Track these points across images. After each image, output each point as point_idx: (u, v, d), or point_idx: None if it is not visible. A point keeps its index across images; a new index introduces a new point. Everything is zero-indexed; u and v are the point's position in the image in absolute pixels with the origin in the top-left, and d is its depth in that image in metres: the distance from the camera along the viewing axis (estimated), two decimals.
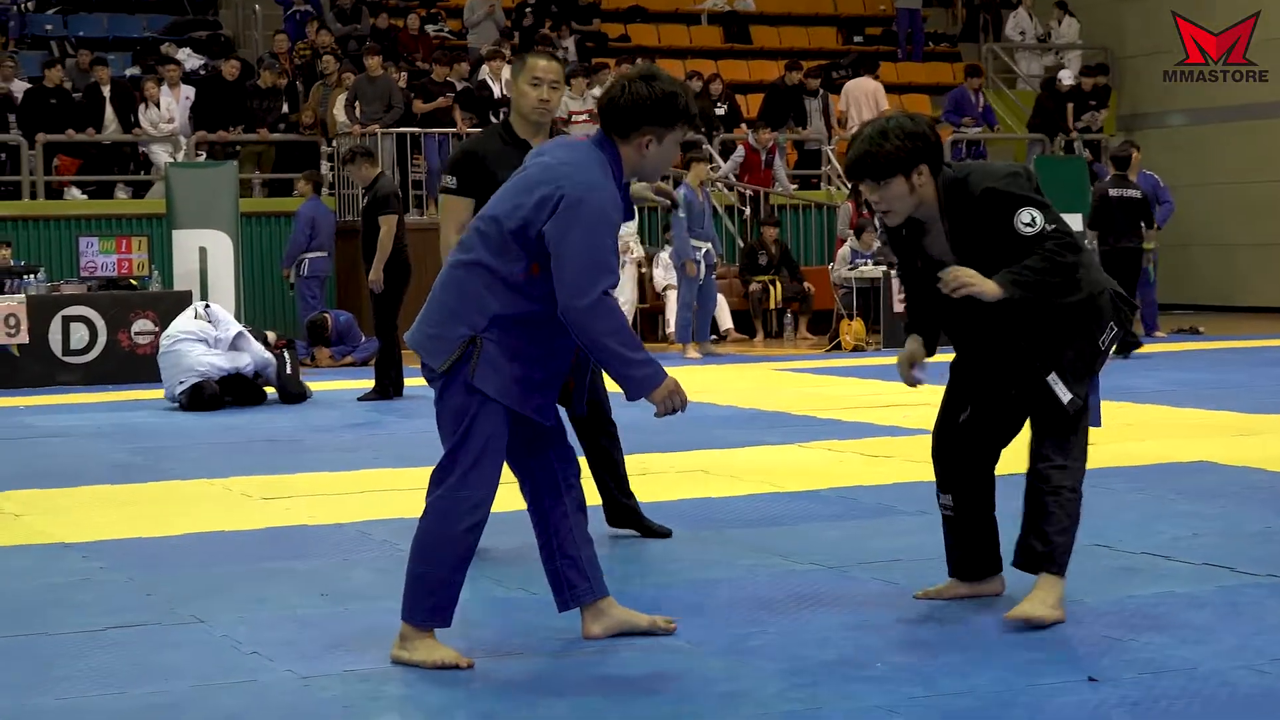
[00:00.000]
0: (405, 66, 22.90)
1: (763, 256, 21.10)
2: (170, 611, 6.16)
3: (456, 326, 5.21)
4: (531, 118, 7.20)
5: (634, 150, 5.30)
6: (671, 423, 11.53)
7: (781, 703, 4.82)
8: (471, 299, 5.21)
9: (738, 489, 8.88)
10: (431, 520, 5.30)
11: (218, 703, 4.97)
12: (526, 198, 5.20)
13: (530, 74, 7.17)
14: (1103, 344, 5.77)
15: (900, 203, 5.69)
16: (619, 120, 5.27)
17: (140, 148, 21.84)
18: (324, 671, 5.25)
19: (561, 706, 4.89)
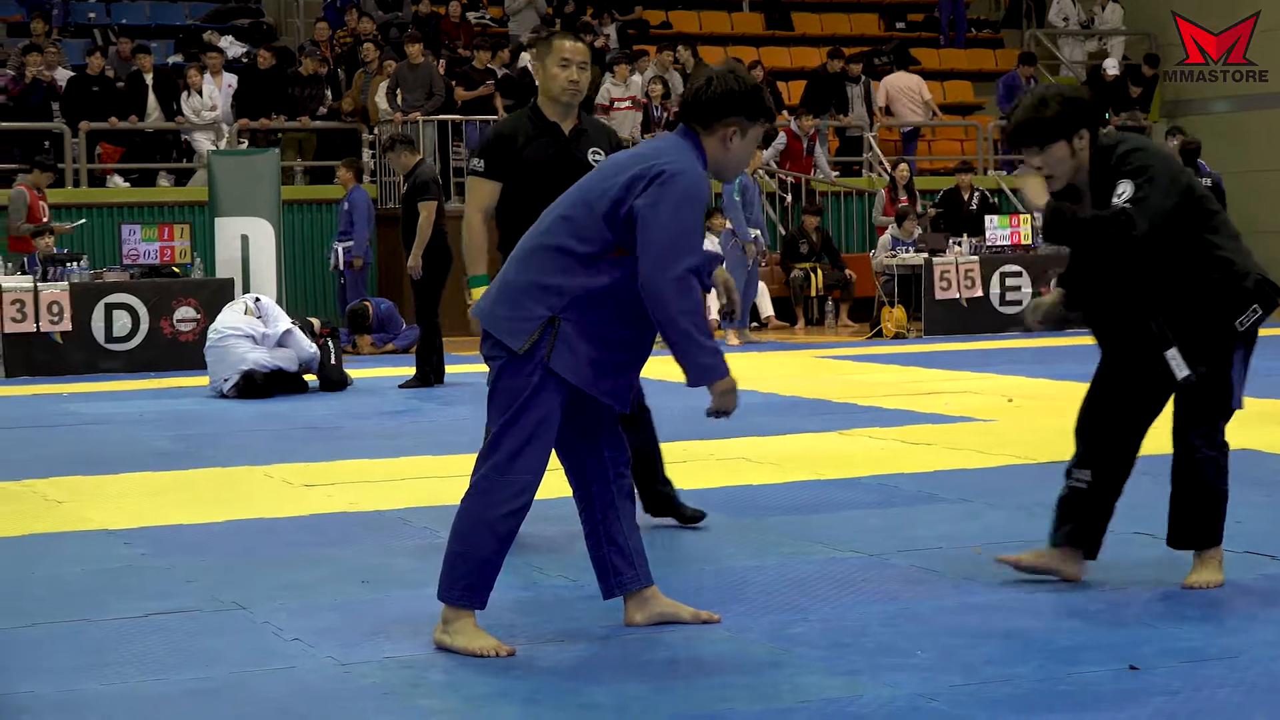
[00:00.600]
0: (446, 54, 22.91)
1: (804, 244, 21.06)
2: (212, 598, 6.18)
3: (535, 307, 5.22)
4: (562, 99, 7.20)
5: (718, 142, 5.34)
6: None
7: (821, 690, 4.81)
8: (550, 280, 5.22)
9: (779, 476, 8.88)
10: (473, 500, 5.31)
11: (259, 689, 4.99)
12: (616, 179, 5.24)
13: (558, 56, 7.15)
14: (1241, 325, 5.89)
15: (1062, 166, 5.89)
16: (706, 111, 5.33)
17: (182, 135, 21.91)
18: (365, 658, 5.26)
19: (602, 693, 4.89)
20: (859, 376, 14.50)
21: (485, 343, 5.35)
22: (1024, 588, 6.04)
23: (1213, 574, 6.00)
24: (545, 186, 6.74)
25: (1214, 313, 5.86)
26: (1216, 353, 5.90)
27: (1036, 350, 16.83)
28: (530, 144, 7.17)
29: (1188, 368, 5.85)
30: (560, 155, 7.16)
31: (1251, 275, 5.89)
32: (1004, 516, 7.55)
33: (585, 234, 5.23)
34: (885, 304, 19.63)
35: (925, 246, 19.57)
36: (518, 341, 5.21)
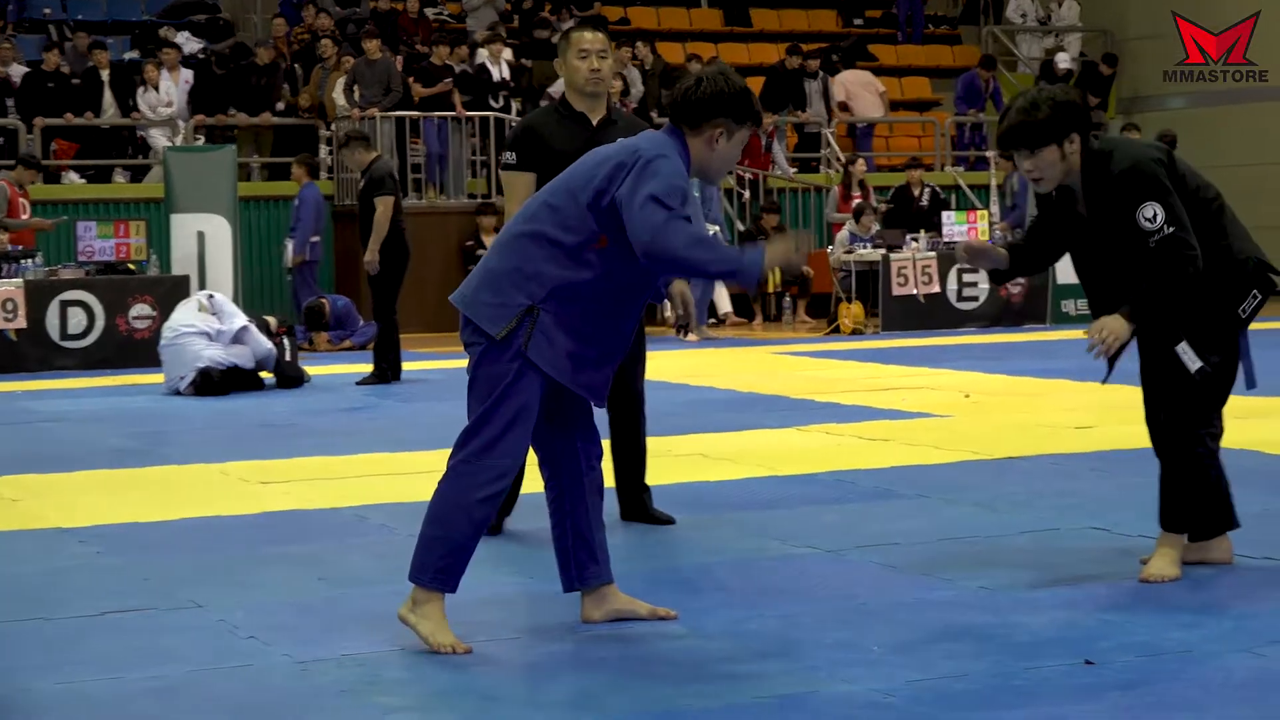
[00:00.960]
0: (404, 50, 22.86)
1: (761, 240, 21.06)
2: (168, 596, 6.16)
3: (515, 295, 5.24)
4: (586, 90, 7.30)
5: (704, 143, 5.35)
6: (671, 406, 11.58)
7: (778, 686, 4.82)
8: (532, 269, 5.24)
9: (736, 472, 8.88)
10: (451, 484, 5.31)
11: (215, 687, 4.97)
12: (601, 169, 5.28)
13: (577, 48, 7.30)
14: (1243, 312, 5.96)
15: (1052, 169, 5.94)
16: (694, 110, 5.34)
17: (138, 132, 21.81)
18: (321, 656, 5.25)
19: (559, 690, 4.89)
20: (816, 373, 14.52)
21: (465, 329, 5.36)
22: (981, 583, 6.05)
23: (1166, 567, 6.00)
24: None
25: (1218, 302, 5.92)
26: (1224, 342, 5.95)
27: (994, 346, 16.90)
28: (557, 134, 7.24)
29: (1199, 360, 5.89)
30: (588, 145, 6.97)
31: (1250, 260, 5.95)
32: (961, 512, 7.57)
33: (569, 224, 5.25)
34: (842, 300, 19.66)
35: (883, 243, 19.60)
36: (495, 327, 5.23)
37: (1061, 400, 11.82)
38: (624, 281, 5.28)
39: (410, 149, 21.16)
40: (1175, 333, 5.90)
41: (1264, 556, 6.39)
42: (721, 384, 13.50)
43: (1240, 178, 24.38)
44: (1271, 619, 5.46)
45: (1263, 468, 8.60)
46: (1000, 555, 6.57)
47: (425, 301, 18.86)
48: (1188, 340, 5.90)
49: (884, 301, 19.24)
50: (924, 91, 27.35)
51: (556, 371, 5.23)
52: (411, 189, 21.01)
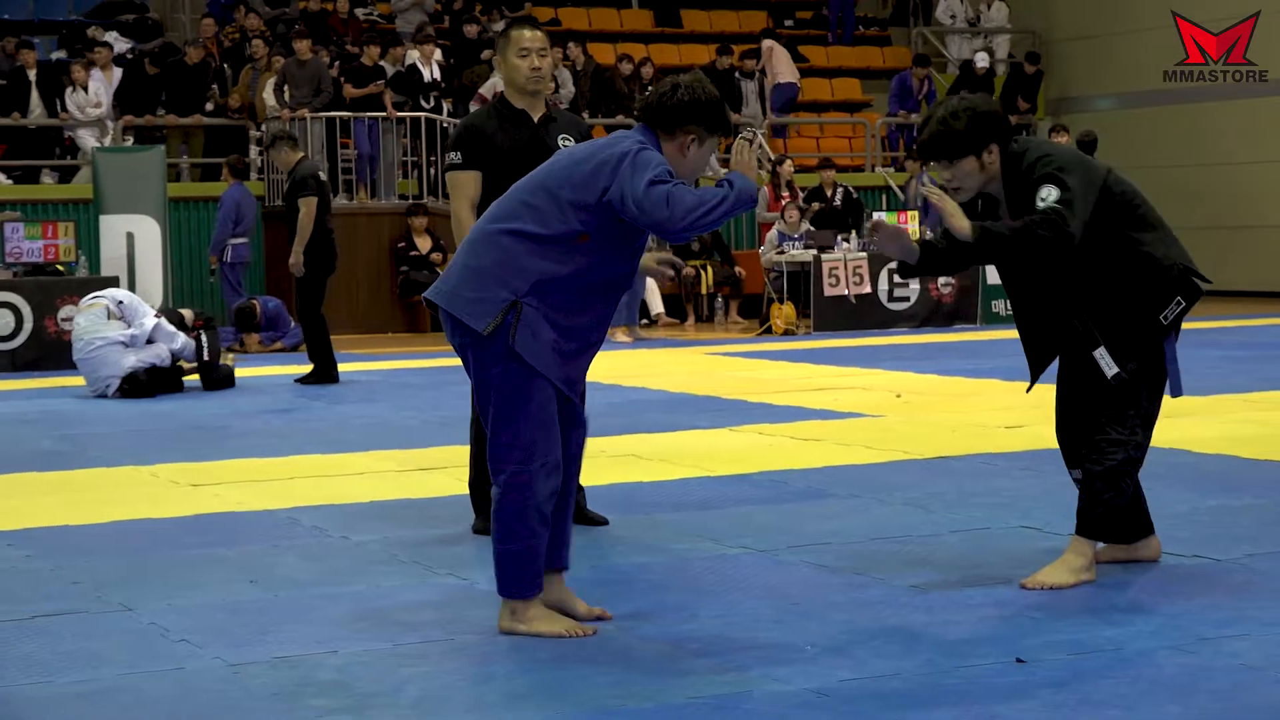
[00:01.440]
0: (334, 50, 22.78)
1: (694, 241, 21.11)
2: (97, 599, 6.12)
3: (499, 289, 5.31)
4: (527, 88, 7.37)
5: (676, 149, 5.43)
6: (604, 407, 11.55)
7: (711, 686, 4.82)
8: (513, 264, 5.32)
9: (669, 473, 8.89)
10: (515, 496, 5.37)
11: (145, 691, 4.93)
12: (582, 167, 5.35)
13: (517, 46, 7.34)
14: (1165, 318, 5.95)
15: (970, 179, 5.98)
16: (670, 115, 5.43)
17: (66, 132, 21.66)
18: (254, 659, 5.22)
19: (492, 692, 4.88)
20: (749, 373, 14.55)
21: (453, 331, 5.42)
22: (912, 582, 6.08)
23: (1056, 575, 5.94)
24: (518, 173, 6.86)
25: (1138, 308, 5.93)
26: (1144, 348, 5.96)
27: (925, 346, 16.98)
28: (500, 132, 7.32)
29: (1116, 365, 5.92)
30: (530, 141, 7.30)
31: (1175, 266, 5.96)
32: (893, 511, 7.60)
33: (549, 221, 5.33)
34: (774, 301, 19.70)
35: (814, 243, 19.66)
36: (481, 323, 5.29)
37: (992, 400, 11.88)
38: (602, 276, 5.38)
39: (341, 150, 21.09)
40: (1094, 338, 5.93)
41: (1193, 555, 6.44)
42: (654, 384, 13.51)
43: (1171, 178, 24.65)
44: (1200, 616, 5.50)
45: (1190, 465, 8.66)
46: (932, 554, 6.60)
47: (356, 302, 18.82)
48: (1106, 346, 5.93)
49: (815, 302, 19.29)
50: (854, 93, 27.45)
51: (541, 365, 5.31)
52: (342, 190, 20.93)
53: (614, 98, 23.49)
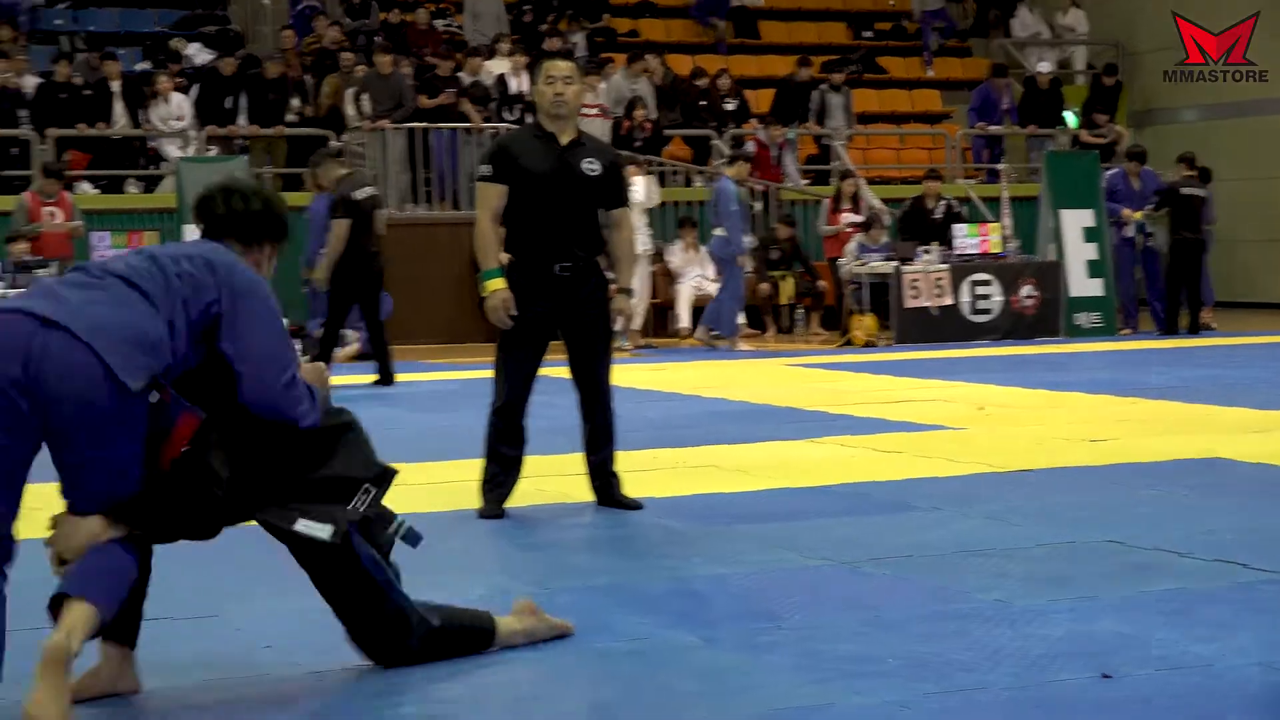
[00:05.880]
0: (414, 61, 22.88)
1: (775, 252, 21.07)
2: (184, 605, 6.15)
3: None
4: (551, 111, 8.01)
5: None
6: (683, 418, 11.55)
7: (793, 698, 4.81)
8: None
9: (749, 484, 8.87)
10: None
11: (230, 696, 4.97)
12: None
13: (545, 74, 8.05)
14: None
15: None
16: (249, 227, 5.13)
17: (150, 142, 21.84)
18: (338, 665, 5.24)
19: (574, 700, 4.88)
20: (829, 384, 14.51)
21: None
22: (996, 595, 6.04)
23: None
24: (543, 192, 7.93)
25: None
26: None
27: (1007, 358, 16.89)
28: (529, 153, 8.00)
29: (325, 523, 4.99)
30: (556, 164, 7.97)
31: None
32: (975, 525, 7.55)
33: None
34: (854, 312, 19.65)
35: (895, 255, 19.59)
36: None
37: (1075, 413, 11.80)
38: None
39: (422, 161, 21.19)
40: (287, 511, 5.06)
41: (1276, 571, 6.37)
42: (734, 395, 13.49)
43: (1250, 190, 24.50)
44: None
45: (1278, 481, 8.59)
46: (1015, 568, 6.55)
47: (438, 311, 18.87)
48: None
49: (897, 314, 19.23)
50: (934, 104, 27.35)
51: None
52: (423, 200, 21.03)
53: (691, 110, 23.49)
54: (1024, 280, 19.71)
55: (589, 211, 8.05)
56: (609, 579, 6.57)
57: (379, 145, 21.02)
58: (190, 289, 4.76)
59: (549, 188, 7.94)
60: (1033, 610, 5.82)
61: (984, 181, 23.75)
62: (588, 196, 8.02)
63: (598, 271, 8.09)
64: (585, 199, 8.01)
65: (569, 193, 7.96)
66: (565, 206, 7.96)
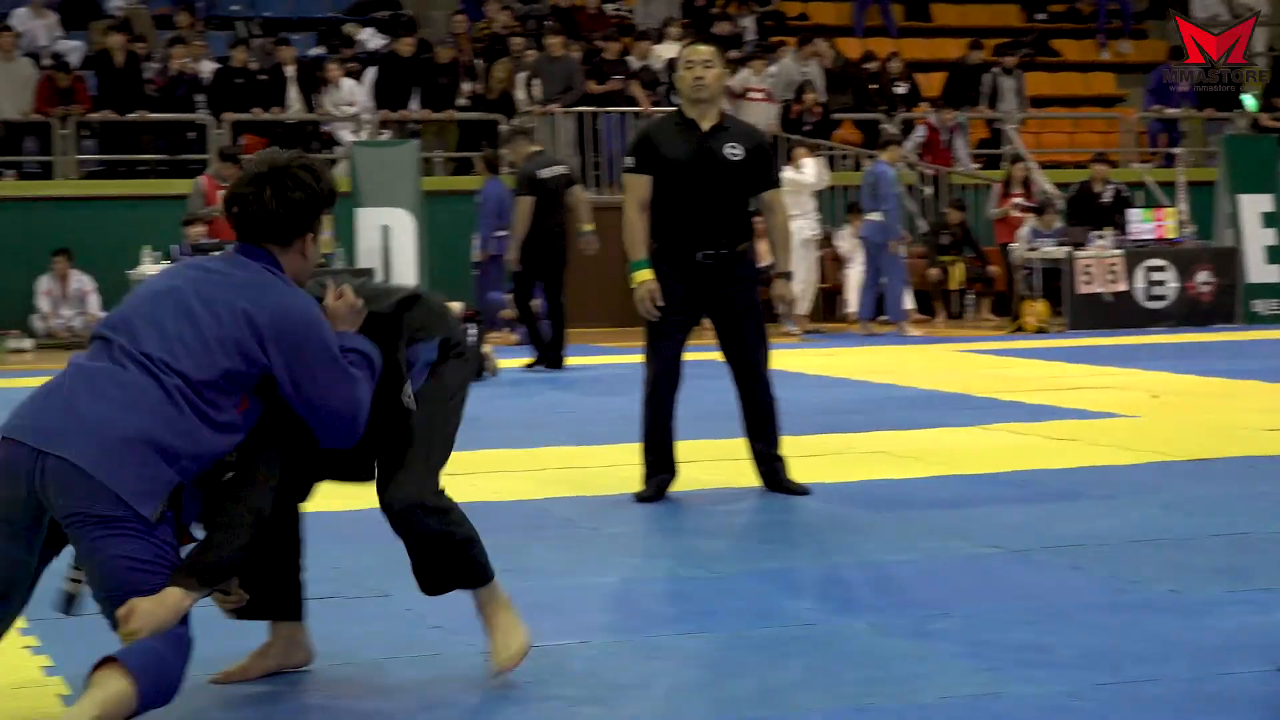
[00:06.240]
0: (584, 46, 22.95)
1: (945, 237, 20.90)
2: (356, 584, 6.23)
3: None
4: (691, 96, 7.96)
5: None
6: (852, 403, 11.52)
7: (963, 686, 4.77)
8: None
9: (919, 471, 8.81)
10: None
11: (401, 676, 5.02)
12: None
13: (684, 60, 8.02)
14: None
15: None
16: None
17: (323, 127, 22.11)
18: None
19: (743, 686, 4.87)
20: (1000, 371, 14.37)
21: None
22: (1170, 586, 5.96)
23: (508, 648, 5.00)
24: (683, 179, 7.87)
25: None
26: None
27: (1182, 346, 16.64)
28: (669, 141, 7.93)
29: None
30: (697, 150, 7.90)
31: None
32: (1149, 514, 7.45)
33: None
34: (1026, 298, 19.44)
35: (1067, 240, 19.36)
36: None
37: (1253, 401, 11.60)
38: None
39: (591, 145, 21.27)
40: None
41: None
42: (904, 381, 13.40)
43: None
44: None
45: None
46: (1190, 558, 6.46)
47: (608, 295, 18.91)
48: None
49: (1069, 299, 19.01)
50: (1109, 87, 26.97)
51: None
52: (592, 184, 21.11)
53: (861, 93, 23.37)
54: (1200, 266, 19.41)
55: (732, 197, 7.92)
56: (776, 564, 6.56)
57: (548, 129, 21.11)
58: (236, 355, 4.44)
59: (689, 175, 7.86)
60: (1206, 602, 5.73)
61: (1160, 166, 23.39)
62: (730, 182, 7.89)
63: (744, 258, 7.98)
64: (727, 185, 7.88)
65: (709, 179, 7.85)
66: (706, 193, 7.85)
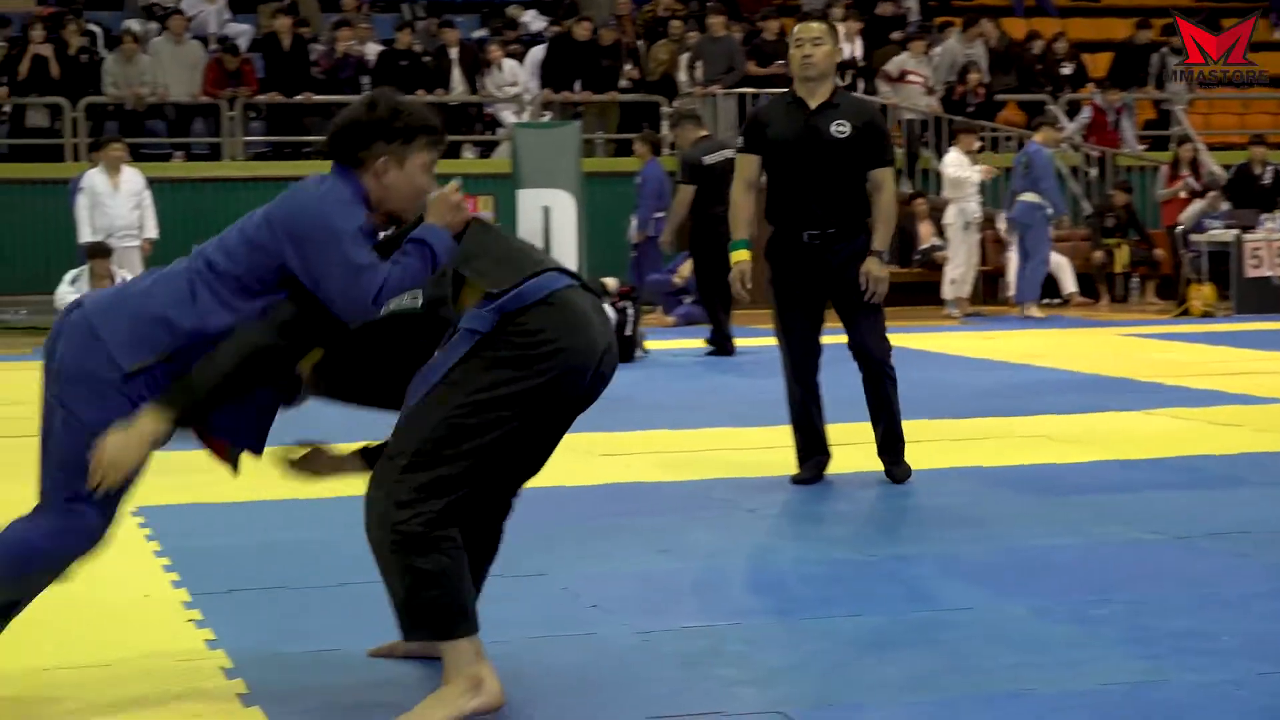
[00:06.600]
0: (745, 27, 22.90)
1: (1110, 219, 20.64)
2: (513, 563, 6.24)
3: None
4: (800, 75, 7.89)
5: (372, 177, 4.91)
6: (1013, 387, 11.43)
7: (1124, 673, 4.72)
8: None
9: (1080, 455, 8.72)
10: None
11: (557, 655, 5.04)
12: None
13: (794, 38, 7.94)
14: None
15: None
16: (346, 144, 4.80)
17: (486, 108, 22.24)
18: (663, 627, 5.29)
19: (895, 669, 4.85)
20: (1164, 355, 14.18)
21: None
22: None
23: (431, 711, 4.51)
24: (788, 159, 7.82)
25: None
26: None
27: None
28: (777, 121, 7.90)
29: None
30: (802, 129, 7.83)
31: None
32: None
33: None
34: (1193, 281, 19.16)
35: (1235, 222, 19.04)
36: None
37: None
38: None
39: None
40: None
41: None
42: (1066, 365, 13.26)
43: None
44: None
45: None
46: None
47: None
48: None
49: (1236, 283, 18.70)
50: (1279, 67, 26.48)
51: None
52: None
53: (1026, 74, 23.12)
54: None
55: (840, 176, 7.76)
56: (934, 548, 6.52)
57: (710, 110, 21.08)
58: (266, 258, 4.53)
59: (793, 154, 7.79)
60: None
61: None
62: (835, 160, 7.75)
63: (854, 238, 7.79)
64: (832, 163, 7.75)
65: (814, 158, 7.75)
66: (810, 173, 7.75)
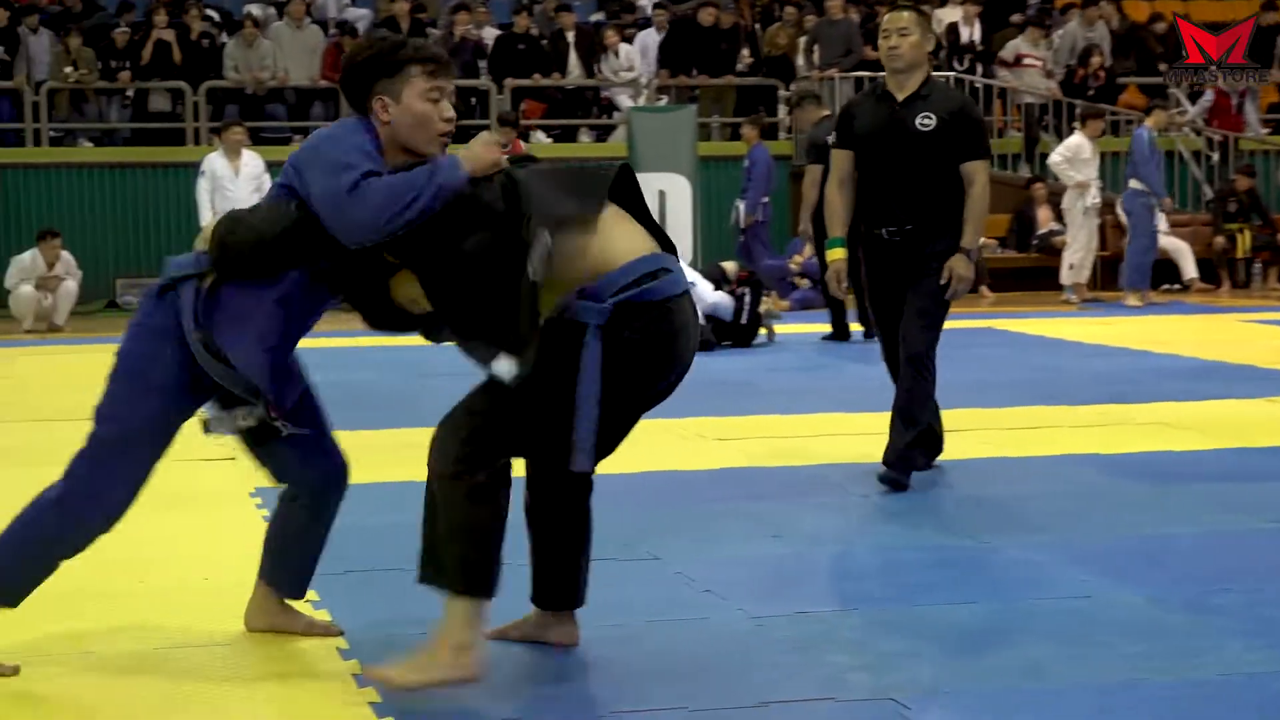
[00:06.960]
0: (863, 10, 22.78)
1: (1232, 204, 20.39)
2: (626, 547, 6.27)
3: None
4: (888, 66, 7.68)
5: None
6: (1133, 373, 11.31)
7: (1242, 664, 4.67)
8: None
9: (1200, 443, 8.62)
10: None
11: (671, 638, 5.05)
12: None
13: (882, 28, 7.72)
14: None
15: None
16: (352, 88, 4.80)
17: (602, 92, 22.27)
18: (776, 612, 5.28)
19: (1007, 658, 4.82)
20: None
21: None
22: None
23: (409, 673, 4.47)
24: (874, 152, 7.61)
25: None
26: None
27: None
28: (864, 114, 7.73)
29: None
30: (886, 122, 7.61)
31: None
32: None
33: None
34: None
35: None
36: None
37: None
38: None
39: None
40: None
41: None
42: (1185, 351, 13.11)
43: None
44: None
45: None
46: None
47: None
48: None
49: None
50: None
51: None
52: None
53: (1146, 56, 22.86)
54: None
55: (924, 170, 7.49)
56: (1049, 535, 6.46)
57: (828, 94, 21.00)
58: (285, 189, 4.71)
59: (878, 148, 7.57)
60: None
61: None
62: (920, 153, 7.49)
63: (936, 238, 7.49)
64: (917, 156, 7.49)
65: (897, 151, 7.52)
66: (893, 167, 7.53)
